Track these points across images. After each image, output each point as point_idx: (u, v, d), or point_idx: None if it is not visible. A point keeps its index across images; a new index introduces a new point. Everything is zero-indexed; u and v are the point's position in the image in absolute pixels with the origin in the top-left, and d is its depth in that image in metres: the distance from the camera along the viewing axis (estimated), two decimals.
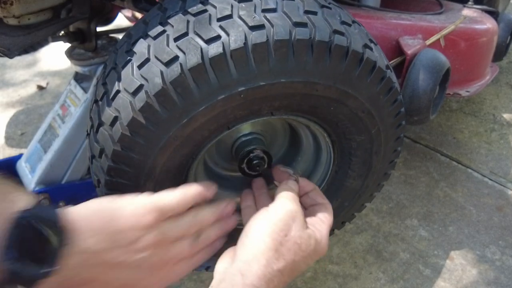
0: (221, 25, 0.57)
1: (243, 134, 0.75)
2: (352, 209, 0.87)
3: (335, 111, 0.67)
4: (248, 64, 0.56)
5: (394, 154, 0.79)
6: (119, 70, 0.61)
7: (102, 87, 0.64)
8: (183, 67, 0.55)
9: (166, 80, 0.55)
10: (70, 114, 1.04)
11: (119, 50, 0.64)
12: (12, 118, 1.71)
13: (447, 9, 1.22)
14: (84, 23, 0.98)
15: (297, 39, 0.57)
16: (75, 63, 1.05)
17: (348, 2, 1.14)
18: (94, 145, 0.64)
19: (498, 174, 1.34)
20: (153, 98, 0.56)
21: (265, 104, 0.61)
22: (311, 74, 0.60)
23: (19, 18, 0.80)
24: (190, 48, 0.56)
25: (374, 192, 0.87)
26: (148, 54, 0.58)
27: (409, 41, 1.01)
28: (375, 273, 1.04)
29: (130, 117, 0.57)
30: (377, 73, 0.65)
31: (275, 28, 0.57)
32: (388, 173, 0.83)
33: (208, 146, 0.65)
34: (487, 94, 1.75)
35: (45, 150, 1.05)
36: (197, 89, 0.56)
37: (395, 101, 0.70)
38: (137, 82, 0.57)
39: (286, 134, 0.85)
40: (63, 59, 1.46)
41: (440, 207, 1.23)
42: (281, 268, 0.49)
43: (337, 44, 0.59)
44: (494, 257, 1.08)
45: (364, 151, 0.75)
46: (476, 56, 1.17)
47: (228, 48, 0.55)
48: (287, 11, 0.59)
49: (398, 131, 0.75)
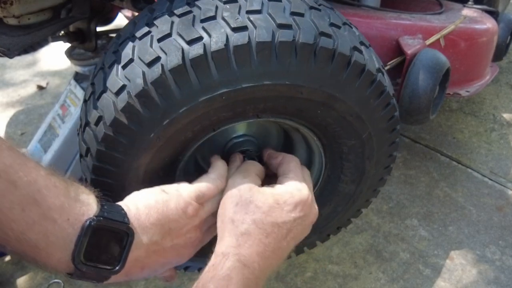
0: (204, 26, 0.56)
1: (236, 136, 0.75)
2: (347, 214, 0.87)
3: (323, 115, 0.66)
4: (230, 66, 0.56)
5: (389, 159, 0.78)
6: (106, 71, 0.61)
7: (90, 87, 0.65)
8: (164, 68, 0.55)
9: (147, 81, 0.56)
10: (70, 114, 1.04)
11: (108, 50, 0.65)
12: (12, 118, 1.71)
13: (447, 9, 1.22)
14: (84, 23, 0.98)
15: (280, 41, 0.56)
16: (75, 63, 1.05)
17: (348, 2, 1.14)
18: (81, 145, 0.64)
19: (498, 174, 1.34)
20: (135, 99, 0.56)
21: (248, 106, 0.61)
22: (296, 76, 0.59)
23: (19, 18, 0.80)
24: (171, 49, 0.56)
25: (371, 198, 0.86)
26: (132, 55, 0.58)
27: (409, 41, 1.01)
28: (375, 273, 1.04)
29: (113, 117, 0.58)
30: (366, 77, 0.64)
31: (258, 30, 0.56)
32: (384, 178, 0.82)
33: (194, 147, 0.65)
34: (487, 94, 1.74)
35: (45, 150, 1.05)
36: (178, 90, 0.56)
37: (387, 105, 0.69)
38: (120, 82, 0.58)
39: (280, 136, 0.85)
40: (63, 59, 1.46)
41: (440, 207, 1.23)
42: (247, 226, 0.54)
43: (322, 47, 0.58)
44: (494, 257, 1.08)
45: (355, 155, 0.74)
46: (476, 56, 1.17)
47: (209, 49, 0.55)
48: (272, 12, 0.58)
49: (392, 136, 0.74)
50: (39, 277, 1.05)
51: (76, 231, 0.46)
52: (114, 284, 0.52)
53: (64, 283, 1.03)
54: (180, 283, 1.03)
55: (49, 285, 1.04)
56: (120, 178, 0.63)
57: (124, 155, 0.60)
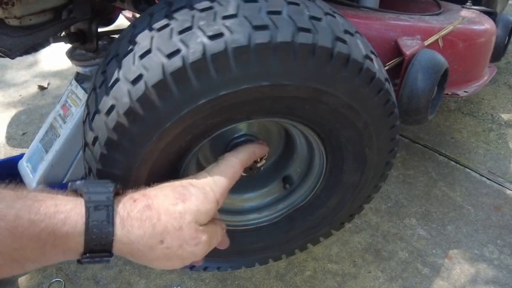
0: (181, 38, 0.57)
1: (236, 136, 0.76)
2: (357, 202, 0.86)
3: (314, 110, 0.65)
4: (209, 75, 0.56)
5: (392, 143, 0.77)
6: (97, 91, 0.63)
7: (86, 107, 0.67)
8: (147, 84, 0.56)
9: (133, 98, 0.57)
10: (71, 114, 1.04)
11: (100, 67, 0.66)
12: (13, 118, 1.71)
13: (445, 10, 1.23)
14: (85, 24, 0.99)
15: (256, 43, 0.56)
16: (76, 64, 1.06)
17: (347, 3, 1.15)
18: (89, 133, 0.65)
19: (496, 174, 1.34)
20: (123, 117, 0.58)
21: (235, 111, 0.61)
22: (278, 76, 0.58)
23: (20, 19, 0.80)
24: (152, 65, 0.56)
25: (380, 183, 0.85)
26: (118, 74, 0.59)
27: (407, 42, 1.01)
28: (374, 272, 1.05)
29: (106, 137, 0.60)
30: (353, 66, 0.62)
31: (234, 35, 0.55)
32: (391, 162, 0.81)
33: (192, 153, 0.66)
34: (485, 94, 1.75)
35: (46, 150, 1.06)
36: (162, 104, 0.57)
37: (379, 91, 0.67)
38: (109, 102, 0.59)
39: (280, 134, 0.86)
40: (64, 60, 1.47)
41: (438, 207, 1.23)
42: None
43: (301, 43, 0.57)
44: (492, 256, 1.09)
45: (354, 145, 0.73)
46: (475, 56, 1.17)
47: (187, 61, 0.55)
48: (248, 15, 0.58)
49: (391, 120, 0.72)
50: (40, 276, 1.06)
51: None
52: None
53: (65, 282, 1.04)
54: (180, 282, 1.04)
55: (50, 284, 1.04)
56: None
57: (120, 171, 0.62)
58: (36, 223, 0.43)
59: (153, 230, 0.49)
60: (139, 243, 0.49)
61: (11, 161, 1.16)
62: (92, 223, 0.46)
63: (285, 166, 0.89)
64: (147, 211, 0.50)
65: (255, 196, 0.90)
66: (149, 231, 0.49)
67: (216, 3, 0.60)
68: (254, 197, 0.89)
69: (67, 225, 0.45)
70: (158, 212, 0.50)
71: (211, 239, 0.54)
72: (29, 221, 0.43)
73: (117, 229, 0.47)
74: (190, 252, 0.52)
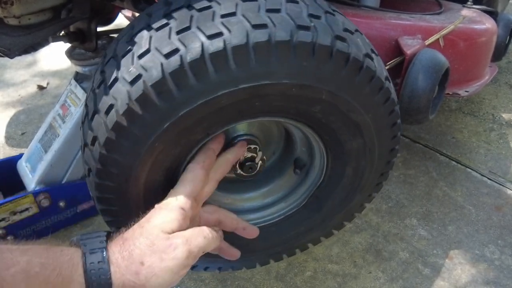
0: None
1: (236, 136, 0.75)
2: (365, 191, 0.85)
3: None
4: (189, 83, 0.56)
5: (394, 128, 0.76)
6: (95, 91, 0.63)
7: (85, 107, 0.67)
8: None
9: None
10: (70, 114, 1.04)
11: (97, 70, 0.66)
12: (12, 118, 1.71)
13: (446, 9, 1.22)
14: (85, 23, 0.98)
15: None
16: (75, 63, 1.05)
17: (348, 2, 1.15)
18: (88, 133, 0.65)
19: (497, 174, 1.34)
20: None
21: (218, 117, 0.61)
22: (256, 77, 0.58)
23: (19, 18, 0.80)
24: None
25: (385, 170, 0.83)
26: (116, 74, 0.60)
27: (408, 41, 1.01)
28: (375, 272, 1.05)
29: (105, 137, 0.60)
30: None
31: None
32: (395, 148, 0.80)
33: (190, 156, 0.67)
34: (486, 94, 1.75)
35: (46, 150, 1.06)
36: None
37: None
38: (108, 101, 0.59)
39: (280, 132, 0.86)
40: (64, 59, 1.46)
41: (439, 207, 1.23)
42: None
43: (256, 42, 0.56)
44: (493, 256, 1.08)
45: (353, 138, 0.73)
46: (475, 56, 1.17)
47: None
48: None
49: (388, 105, 0.71)
50: None
51: None
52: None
53: None
54: (180, 282, 1.03)
55: None
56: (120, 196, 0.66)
57: (120, 171, 0.63)
58: (46, 266, 0.47)
59: (131, 256, 0.53)
60: (127, 273, 0.52)
61: (10, 161, 1.16)
62: (90, 265, 0.51)
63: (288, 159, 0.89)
64: (125, 242, 0.54)
65: (276, 185, 0.90)
66: (129, 258, 0.53)
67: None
68: (276, 187, 0.90)
69: (71, 266, 0.49)
70: (133, 239, 0.55)
71: (189, 239, 0.56)
72: (40, 265, 0.47)
73: (112, 268, 0.52)
74: (173, 258, 0.54)
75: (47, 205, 1.05)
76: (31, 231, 1.07)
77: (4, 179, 1.12)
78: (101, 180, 0.65)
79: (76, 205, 1.12)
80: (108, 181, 0.64)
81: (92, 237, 0.54)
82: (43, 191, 1.04)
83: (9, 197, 1.02)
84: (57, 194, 1.06)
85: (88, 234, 0.55)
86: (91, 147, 0.64)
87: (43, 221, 1.08)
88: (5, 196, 1.07)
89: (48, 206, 1.06)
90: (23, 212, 1.02)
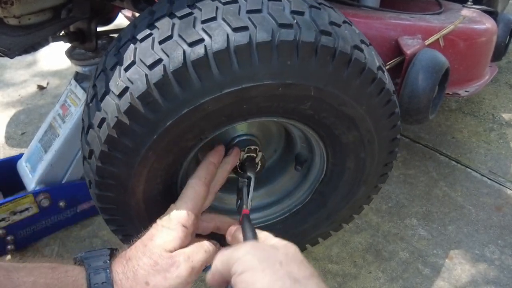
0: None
1: (236, 136, 0.75)
2: (371, 183, 0.85)
3: (290, 105, 0.64)
4: (173, 92, 0.56)
5: (392, 117, 0.75)
6: (89, 106, 0.64)
7: (82, 121, 0.68)
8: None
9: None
10: (70, 114, 1.04)
11: (91, 82, 0.67)
12: (12, 118, 1.71)
13: (446, 9, 1.22)
14: (85, 23, 0.98)
15: (193, 60, 0.56)
16: (75, 63, 1.05)
17: (347, 2, 1.15)
18: (85, 147, 0.66)
19: (497, 174, 1.34)
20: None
21: (207, 123, 0.61)
22: (242, 79, 0.58)
23: (19, 18, 0.80)
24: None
25: (389, 160, 0.83)
26: (106, 87, 0.60)
27: (408, 41, 1.01)
28: (375, 272, 1.05)
29: (99, 151, 0.60)
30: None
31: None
32: (397, 138, 0.80)
33: (188, 158, 0.67)
34: (486, 94, 1.75)
35: (46, 150, 1.06)
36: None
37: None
38: (100, 115, 0.60)
39: (280, 131, 0.86)
40: (64, 59, 1.46)
41: (439, 207, 1.23)
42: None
43: (237, 45, 0.56)
44: (493, 256, 1.08)
45: (352, 134, 0.73)
46: (475, 56, 1.17)
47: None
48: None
49: (383, 96, 0.70)
50: None
51: None
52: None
53: None
54: None
55: None
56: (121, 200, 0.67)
57: (120, 170, 0.63)
58: (50, 287, 0.48)
59: (136, 276, 0.54)
60: None
61: (10, 161, 1.16)
62: (94, 285, 0.51)
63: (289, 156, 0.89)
64: (129, 262, 0.55)
65: (282, 182, 0.90)
66: (133, 279, 0.54)
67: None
68: (282, 183, 0.90)
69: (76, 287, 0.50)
70: (136, 258, 0.55)
71: (191, 255, 0.58)
72: (46, 286, 0.48)
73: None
74: (176, 276, 0.55)
75: (47, 205, 1.05)
76: (31, 231, 1.07)
77: (4, 179, 1.12)
78: (101, 191, 0.65)
79: (76, 205, 1.12)
80: (108, 192, 0.65)
81: (95, 256, 0.55)
82: (43, 191, 1.04)
83: (9, 197, 1.02)
84: (57, 194, 1.06)
85: (92, 252, 0.56)
86: (89, 160, 0.64)
87: (43, 221, 1.08)
88: (5, 196, 1.07)
89: (48, 206, 1.06)
90: (23, 212, 1.02)
